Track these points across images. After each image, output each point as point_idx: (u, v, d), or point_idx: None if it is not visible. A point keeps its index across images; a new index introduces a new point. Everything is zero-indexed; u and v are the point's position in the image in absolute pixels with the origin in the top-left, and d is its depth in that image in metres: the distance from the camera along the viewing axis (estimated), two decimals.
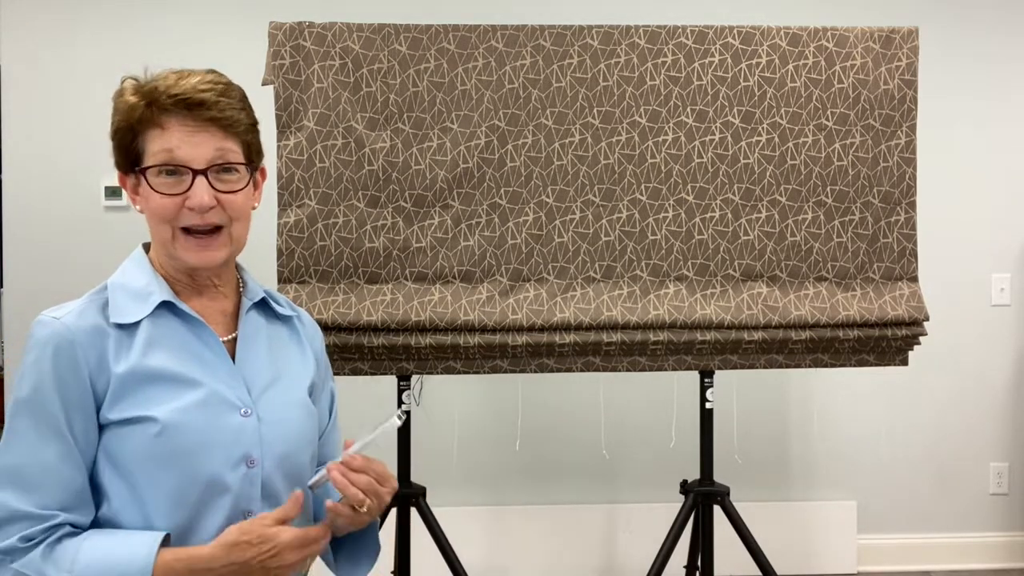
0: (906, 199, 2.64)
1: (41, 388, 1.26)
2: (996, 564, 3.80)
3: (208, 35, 3.53)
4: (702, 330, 2.56)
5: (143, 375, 1.28)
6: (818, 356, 2.64)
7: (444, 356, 2.55)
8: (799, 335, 2.57)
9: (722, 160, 2.59)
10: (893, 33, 2.63)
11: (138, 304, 1.33)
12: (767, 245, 2.61)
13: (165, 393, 1.29)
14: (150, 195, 1.32)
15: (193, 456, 1.28)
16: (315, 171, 2.52)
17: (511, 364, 2.58)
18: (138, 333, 1.31)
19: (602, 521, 3.66)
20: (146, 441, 1.26)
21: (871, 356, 2.66)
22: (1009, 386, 3.80)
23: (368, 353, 2.52)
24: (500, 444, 3.52)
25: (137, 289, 1.34)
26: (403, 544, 2.71)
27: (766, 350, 2.61)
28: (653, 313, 2.54)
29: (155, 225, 1.35)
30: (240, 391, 1.34)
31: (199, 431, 1.29)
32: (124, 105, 1.33)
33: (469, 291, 2.56)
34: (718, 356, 2.62)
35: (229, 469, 1.30)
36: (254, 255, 3.48)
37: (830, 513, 3.72)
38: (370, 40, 2.53)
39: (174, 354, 1.31)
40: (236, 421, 1.32)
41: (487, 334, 2.52)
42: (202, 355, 1.34)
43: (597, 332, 2.54)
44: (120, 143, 1.35)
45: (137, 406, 1.27)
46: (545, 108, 2.57)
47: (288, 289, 2.52)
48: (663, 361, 2.60)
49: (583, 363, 2.59)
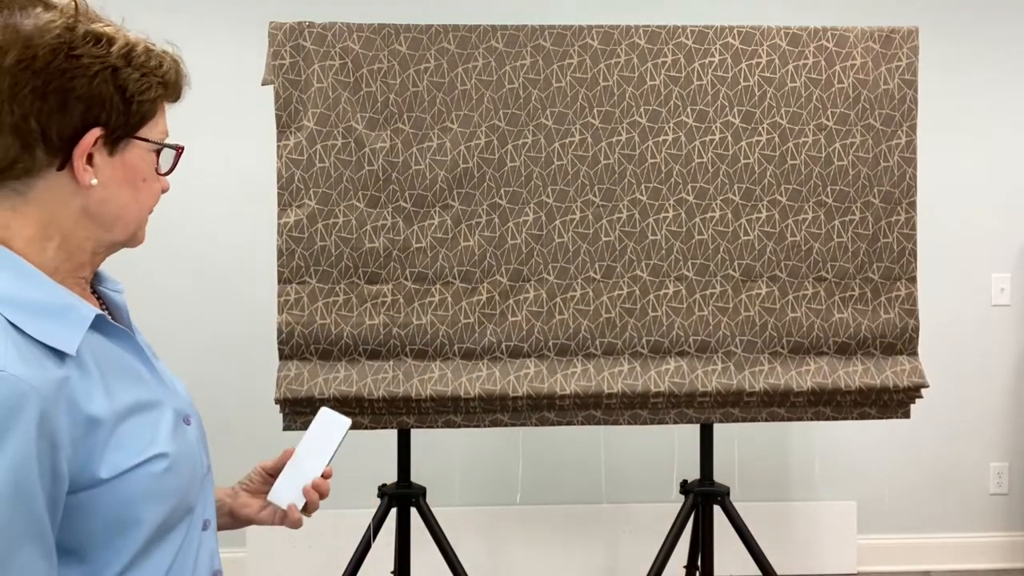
0: (906, 199, 2.64)
1: (25, 484, 0.92)
2: (996, 564, 3.79)
3: (208, 35, 3.52)
4: (705, 371, 2.58)
5: (123, 412, 1.03)
6: (820, 409, 2.65)
7: (445, 410, 2.55)
8: (800, 392, 2.60)
9: (722, 160, 2.59)
10: (893, 33, 2.63)
11: (61, 326, 1.00)
12: (767, 245, 2.61)
13: (149, 425, 1.07)
14: (151, 177, 1.11)
15: (188, 483, 1.11)
16: (315, 171, 2.52)
17: (512, 418, 2.58)
18: (86, 362, 1.02)
19: (602, 521, 3.66)
20: (149, 482, 1.04)
21: (873, 410, 2.67)
22: (1009, 386, 3.80)
23: (368, 407, 2.52)
24: (500, 444, 3.52)
25: (44, 304, 1.00)
26: (403, 544, 2.71)
27: (767, 404, 2.62)
28: (655, 389, 2.56)
29: (135, 212, 1.10)
30: (176, 399, 1.15)
31: (187, 454, 1.12)
32: (168, 61, 1.10)
33: (469, 292, 2.56)
34: (719, 409, 2.62)
35: (200, 484, 1.16)
36: (254, 255, 3.50)
37: (830, 513, 3.72)
38: (370, 40, 2.53)
39: (125, 378, 1.07)
40: (191, 434, 1.15)
41: (488, 384, 2.53)
42: (138, 370, 1.10)
43: (597, 368, 2.56)
44: (142, 95, 1.06)
45: (135, 448, 1.03)
46: (545, 108, 2.57)
47: (288, 289, 2.52)
48: (664, 414, 2.61)
49: (584, 416, 2.59)
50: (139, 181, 1.09)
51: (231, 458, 1.92)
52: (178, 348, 3.56)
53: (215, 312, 3.55)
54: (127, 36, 1.06)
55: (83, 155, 1.02)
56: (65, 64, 0.99)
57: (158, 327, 3.63)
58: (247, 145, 3.48)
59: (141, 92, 1.05)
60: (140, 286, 3.57)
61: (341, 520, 3.34)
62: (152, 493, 1.04)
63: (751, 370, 2.60)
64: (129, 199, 1.08)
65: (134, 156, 1.07)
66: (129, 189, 1.08)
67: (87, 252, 1.08)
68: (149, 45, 1.08)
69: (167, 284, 3.52)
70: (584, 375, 2.57)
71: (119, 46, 1.04)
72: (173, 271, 3.52)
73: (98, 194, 1.05)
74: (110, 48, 1.03)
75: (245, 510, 1.35)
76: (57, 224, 1.04)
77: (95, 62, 1.01)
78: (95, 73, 1.01)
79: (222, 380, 3.51)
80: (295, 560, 3.47)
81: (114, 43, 1.03)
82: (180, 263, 3.54)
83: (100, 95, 1.02)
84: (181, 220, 3.52)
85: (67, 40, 1.00)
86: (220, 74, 3.50)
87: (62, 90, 0.99)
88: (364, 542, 2.62)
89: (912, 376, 2.63)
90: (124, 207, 1.08)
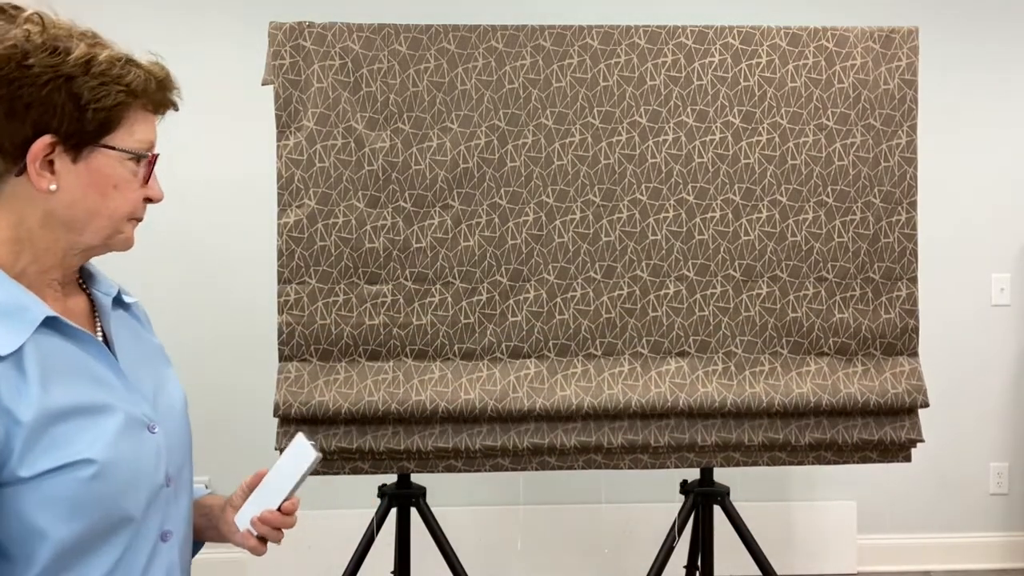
0: (907, 199, 2.64)
1: None
2: (996, 564, 3.79)
3: (208, 35, 3.52)
4: (705, 424, 2.58)
5: (55, 415, 1.03)
6: (821, 454, 2.65)
7: (446, 456, 2.55)
8: (801, 408, 2.60)
9: (722, 160, 2.59)
10: (893, 33, 2.63)
11: (7, 326, 1.03)
12: (768, 245, 2.61)
13: (84, 430, 1.05)
14: (124, 184, 1.12)
15: (121, 492, 1.08)
16: (315, 171, 2.51)
17: (512, 463, 2.57)
18: (25, 362, 1.03)
19: (602, 521, 3.66)
20: (75, 486, 1.03)
21: (874, 453, 2.67)
22: (1009, 386, 3.80)
23: (369, 454, 2.53)
24: None
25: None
26: (403, 544, 2.70)
27: (769, 448, 2.62)
28: (655, 391, 2.55)
29: (105, 218, 1.11)
30: (143, 405, 1.15)
31: (131, 461, 1.09)
32: (136, 71, 1.11)
33: (469, 292, 2.56)
34: (720, 453, 2.61)
35: (154, 495, 1.13)
36: (254, 255, 3.50)
37: (830, 513, 3.72)
38: (370, 40, 2.52)
39: (74, 380, 1.07)
40: (151, 442, 1.13)
41: (491, 402, 2.54)
42: (97, 373, 1.10)
43: (598, 424, 2.56)
44: (98, 103, 1.07)
45: (61, 450, 1.03)
46: (545, 108, 2.56)
47: (288, 289, 2.51)
48: (665, 459, 2.60)
49: (584, 460, 2.59)
50: (108, 188, 1.10)
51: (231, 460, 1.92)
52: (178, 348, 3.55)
53: (215, 312, 3.55)
54: (92, 47, 1.08)
55: (35, 161, 1.05)
56: (15, 73, 1.03)
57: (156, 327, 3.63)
58: (247, 145, 3.48)
59: (97, 100, 1.06)
60: (140, 286, 3.57)
61: (341, 520, 3.34)
62: (75, 498, 1.03)
63: (751, 370, 2.60)
64: (97, 204, 1.10)
65: (101, 163, 1.09)
66: (96, 195, 1.10)
67: (56, 255, 1.11)
68: (117, 56, 1.10)
69: (167, 284, 3.51)
70: (584, 375, 2.57)
71: (76, 56, 1.06)
72: (173, 271, 3.52)
73: (62, 199, 1.08)
74: (66, 57, 1.05)
75: (225, 527, 1.34)
76: (25, 227, 1.08)
77: (47, 71, 1.04)
78: (46, 81, 1.04)
79: (222, 380, 3.50)
80: (295, 560, 3.47)
81: (71, 53, 1.05)
82: (180, 263, 3.53)
83: (51, 102, 1.04)
84: (181, 220, 3.51)
85: (22, 49, 1.03)
86: (220, 74, 3.50)
87: (10, 97, 1.03)
88: (364, 542, 2.62)
89: (911, 378, 2.63)
90: (92, 212, 1.10)
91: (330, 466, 2.53)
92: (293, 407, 2.49)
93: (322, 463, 2.38)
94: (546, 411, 2.52)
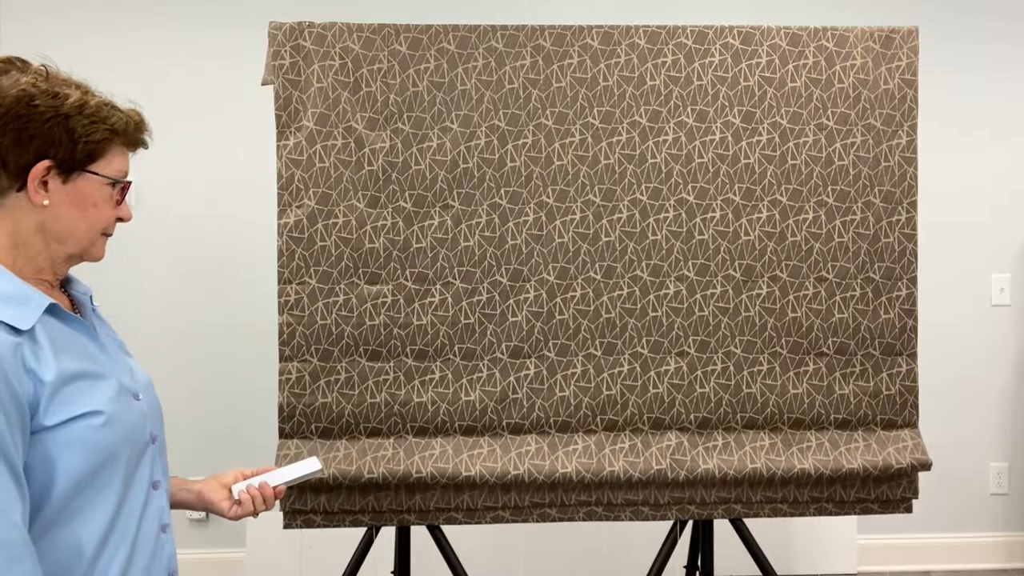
0: (907, 199, 2.64)
1: None
2: (996, 564, 3.79)
3: (208, 35, 3.52)
4: (705, 487, 2.60)
5: (68, 377, 1.30)
6: (823, 505, 2.65)
7: (447, 508, 2.55)
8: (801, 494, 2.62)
9: (722, 160, 2.59)
10: (893, 33, 2.63)
11: (21, 309, 1.30)
12: (768, 245, 2.61)
13: (91, 389, 1.33)
14: (102, 204, 1.40)
15: (122, 440, 1.35)
16: (315, 171, 2.51)
17: (512, 515, 2.58)
18: (38, 337, 1.30)
19: (602, 521, 3.65)
20: (88, 432, 1.30)
21: (875, 505, 2.67)
22: (1009, 386, 3.80)
23: (369, 507, 2.53)
24: None
25: (8, 294, 1.30)
26: (403, 544, 2.70)
27: (770, 501, 2.62)
28: (656, 468, 2.55)
29: (84, 230, 1.38)
30: (126, 377, 1.42)
31: (127, 418, 1.36)
32: (119, 114, 1.40)
33: (469, 292, 2.56)
34: (722, 506, 2.61)
35: (143, 448, 1.41)
36: (254, 255, 3.50)
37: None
38: (370, 40, 2.52)
39: (76, 353, 1.34)
40: (138, 406, 1.41)
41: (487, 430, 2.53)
42: (91, 351, 1.38)
43: (599, 486, 2.57)
44: (87, 137, 1.36)
45: (75, 404, 1.30)
46: (545, 108, 2.56)
47: (288, 290, 2.52)
48: (667, 510, 2.60)
49: (585, 512, 2.59)
50: (88, 206, 1.38)
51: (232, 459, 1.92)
52: (179, 348, 3.56)
53: (214, 312, 3.55)
54: (85, 95, 1.38)
55: (34, 180, 1.32)
56: (24, 111, 1.31)
57: (158, 327, 3.64)
58: (247, 145, 3.48)
59: (87, 135, 1.35)
60: (140, 286, 3.58)
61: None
62: (87, 440, 1.30)
63: (750, 370, 2.60)
64: (78, 219, 1.38)
65: (85, 186, 1.37)
66: (78, 212, 1.37)
67: (46, 259, 1.38)
68: (104, 102, 1.40)
69: (167, 284, 3.51)
70: (584, 376, 2.57)
71: (72, 100, 1.35)
72: (173, 271, 3.52)
73: (51, 212, 1.35)
74: (65, 101, 1.34)
75: (211, 494, 1.65)
76: (20, 234, 1.35)
77: (49, 111, 1.33)
78: (48, 119, 1.32)
79: (223, 380, 3.51)
80: (295, 560, 3.47)
81: (69, 98, 1.35)
82: (180, 263, 3.53)
83: (51, 135, 1.33)
84: (181, 220, 3.51)
85: (30, 93, 1.32)
86: (220, 74, 3.50)
87: (19, 129, 1.31)
88: (364, 542, 2.62)
89: (906, 379, 2.64)
90: (73, 225, 1.38)
91: (330, 519, 2.56)
92: (297, 409, 2.50)
93: (323, 516, 2.52)
94: (549, 481, 2.57)
